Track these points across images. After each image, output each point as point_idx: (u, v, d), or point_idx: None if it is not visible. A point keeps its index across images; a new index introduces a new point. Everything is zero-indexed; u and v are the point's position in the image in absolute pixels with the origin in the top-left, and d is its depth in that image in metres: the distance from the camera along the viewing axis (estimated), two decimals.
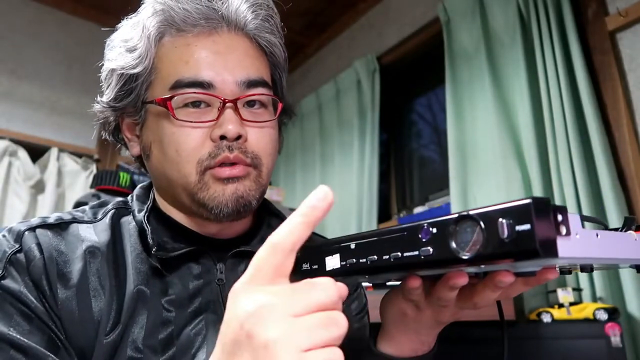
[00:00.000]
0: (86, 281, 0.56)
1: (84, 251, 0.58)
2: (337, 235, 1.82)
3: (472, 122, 1.89)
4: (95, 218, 0.63)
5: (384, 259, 0.42)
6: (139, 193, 0.67)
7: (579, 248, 0.36)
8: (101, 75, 0.64)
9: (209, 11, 0.59)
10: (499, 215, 0.35)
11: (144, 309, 0.57)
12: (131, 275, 0.58)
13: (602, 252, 0.38)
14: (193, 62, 0.58)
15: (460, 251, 0.37)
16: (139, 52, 0.59)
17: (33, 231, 0.57)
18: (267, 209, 0.72)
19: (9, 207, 2.38)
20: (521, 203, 0.34)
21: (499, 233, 0.34)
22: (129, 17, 0.64)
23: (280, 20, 0.66)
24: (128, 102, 0.61)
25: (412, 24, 2.33)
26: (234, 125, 0.57)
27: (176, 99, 0.57)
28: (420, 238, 0.40)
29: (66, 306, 0.54)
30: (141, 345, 0.55)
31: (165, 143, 0.58)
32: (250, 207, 0.60)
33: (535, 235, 0.33)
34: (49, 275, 0.54)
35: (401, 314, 0.55)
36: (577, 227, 0.36)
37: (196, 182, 0.58)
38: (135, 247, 0.60)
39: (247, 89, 0.60)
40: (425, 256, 0.39)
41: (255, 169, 0.60)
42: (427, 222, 0.40)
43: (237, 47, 0.60)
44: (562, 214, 0.35)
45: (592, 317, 1.21)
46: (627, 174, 1.45)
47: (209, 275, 0.61)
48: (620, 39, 1.56)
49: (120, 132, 0.66)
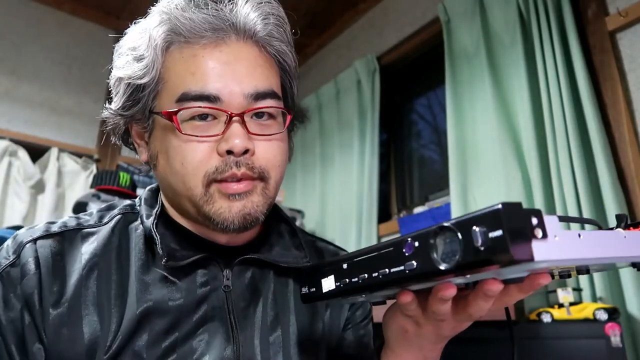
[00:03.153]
0: (80, 297, 0.56)
1: (83, 265, 0.57)
2: (336, 235, 1.84)
3: (472, 122, 1.89)
4: (101, 222, 0.63)
5: (374, 276, 0.43)
6: (147, 197, 0.66)
7: (558, 250, 0.35)
8: (110, 82, 0.63)
9: (216, 20, 0.57)
10: (473, 224, 0.35)
11: (149, 321, 0.56)
12: (134, 287, 0.57)
13: (588, 252, 0.38)
14: (200, 74, 0.56)
15: (441, 262, 0.37)
16: (145, 62, 0.58)
17: (34, 243, 0.57)
18: (277, 215, 0.71)
19: (9, 207, 2.38)
20: (491, 209, 0.34)
21: (474, 241, 0.34)
22: (137, 21, 0.62)
23: (290, 26, 0.64)
24: (136, 110, 0.61)
25: (412, 24, 2.33)
26: (241, 140, 0.55)
27: (182, 112, 0.56)
28: (404, 252, 0.40)
29: (56, 322, 0.54)
30: (144, 354, 0.55)
31: (171, 155, 0.58)
32: (257, 222, 0.59)
33: (508, 241, 0.32)
34: (42, 290, 0.54)
35: (402, 331, 0.55)
36: (555, 229, 0.35)
37: (202, 195, 0.57)
38: (140, 257, 0.60)
39: (255, 102, 0.58)
40: (409, 270, 0.39)
41: (262, 181, 0.59)
42: (410, 236, 0.40)
43: (245, 57, 0.58)
44: (537, 217, 0.34)
45: (592, 317, 1.21)
46: (627, 174, 1.45)
47: (215, 281, 0.61)
48: (620, 39, 1.56)
49: (130, 137, 0.66)
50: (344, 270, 0.46)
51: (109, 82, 0.64)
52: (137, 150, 0.66)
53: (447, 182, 1.89)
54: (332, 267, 0.48)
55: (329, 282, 0.48)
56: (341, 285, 0.46)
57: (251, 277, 0.64)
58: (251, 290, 0.63)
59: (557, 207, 1.52)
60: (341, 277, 0.46)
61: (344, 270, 0.46)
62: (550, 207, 1.55)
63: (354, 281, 0.45)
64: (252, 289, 0.63)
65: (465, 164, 1.86)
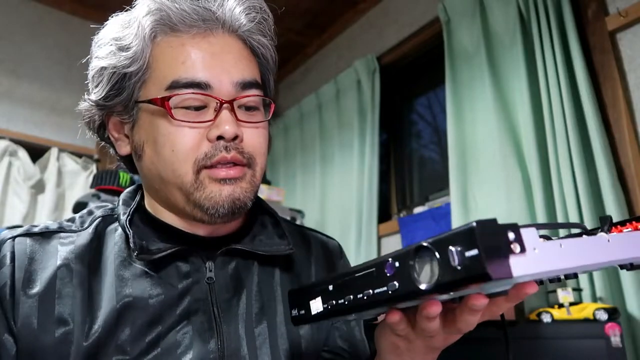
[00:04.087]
0: (52, 289, 0.57)
1: (57, 263, 0.59)
2: (336, 235, 1.84)
3: (472, 122, 1.89)
4: (82, 227, 0.64)
5: (359, 297, 0.43)
6: (125, 197, 0.67)
7: (539, 263, 0.34)
8: (89, 74, 0.64)
9: (205, 12, 0.60)
10: (449, 243, 0.34)
11: (130, 315, 0.56)
12: (112, 284, 0.58)
13: (571, 262, 0.37)
14: (190, 62, 0.58)
15: (422, 282, 0.37)
16: (133, 50, 0.59)
17: (13, 240, 0.59)
18: (260, 207, 0.71)
19: (9, 207, 2.38)
20: (466, 228, 0.34)
21: (451, 261, 0.34)
22: (117, 14, 0.64)
23: (274, 23, 0.66)
24: (119, 101, 0.61)
25: (412, 24, 2.33)
26: (231, 126, 0.57)
27: (173, 99, 0.57)
28: (386, 273, 0.40)
29: (26, 313, 0.55)
30: (128, 348, 0.55)
31: (160, 143, 0.58)
32: (245, 208, 0.60)
33: (484, 259, 0.32)
34: (14, 282, 0.56)
35: (394, 347, 0.55)
36: (534, 242, 0.34)
37: (192, 182, 0.58)
38: (120, 254, 0.60)
39: (242, 90, 0.60)
40: (392, 291, 0.39)
41: (250, 169, 0.61)
42: (390, 256, 0.40)
43: (231, 49, 0.61)
44: (514, 231, 0.34)
45: (592, 317, 1.21)
46: (627, 174, 1.45)
47: (198, 274, 0.61)
48: (620, 39, 1.56)
49: (106, 130, 0.66)
50: (330, 292, 0.46)
51: (87, 74, 0.64)
52: (114, 145, 0.66)
53: (447, 182, 1.89)
54: (319, 289, 0.47)
55: (317, 304, 0.47)
56: (329, 307, 0.46)
57: (235, 269, 0.63)
58: (235, 281, 0.63)
59: (557, 208, 1.52)
60: (328, 299, 0.46)
61: (330, 292, 0.46)
62: (550, 208, 1.55)
63: (341, 303, 0.45)
64: (235, 281, 0.63)
65: (465, 164, 1.86)
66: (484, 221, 0.33)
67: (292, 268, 0.69)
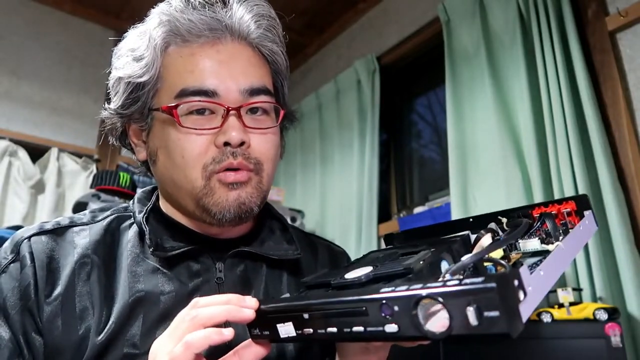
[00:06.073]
0: (72, 287, 0.58)
1: (76, 259, 0.60)
2: (336, 235, 1.82)
3: (472, 122, 1.89)
4: (94, 220, 0.65)
5: (345, 331, 0.42)
6: (140, 196, 0.69)
7: (535, 297, 0.36)
8: (109, 83, 0.66)
9: (213, 22, 0.61)
10: (466, 303, 0.34)
11: (141, 309, 0.58)
12: (126, 280, 0.60)
13: (551, 281, 0.39)
14: (198, 71, 0.60)
15: (430, 330, 0.36)
16: (145, 61, 0.61)
17: (29, 240, 0.61)
18: (269, 212, 0.73)
19: (9, 207, 2.38)
20: (486, 287, 0.33)
21: (468, 319, 0.34)
22: (136, 26, 0.66)
23: (281, 27, 0.68)
24: (135, 109, 0.63)
25: (412, 24, 2.32)
26: (237, 132, 0.59)
27: (181, 107, 0.59)
28: (383, 315, 0.39)
29: (51, 313, 0.56)
30: (138, 342, 0.57)
31: (171, 149, 0.60)
32: (251, 213, 0.62)
33: (505, 319, 0.32)
34: (37, 282, 0.58)
35: (352, 354, 0.60)
36: (529, 281, 0.35)
37: (202, 187, 0.60)
38: (133, 251, 0.62)
39: (250, 97, 0.61)
40: (391, 332, 0.39)
41: (256, 174, 0.62)
42: (386, 297, 0.38)
43: (240, 56, 0.62)
44: (518, 279, 0.34)
45: (592, 317, 1.21)
46: (627, 174, 1.45)
47: (208, 273, 0.63)
48: (620, 39, 1.56)
49: (127, 137, 0.68)
50: (305, 320, 0.44)
51: (108, 84, 0.67)
52: (134, 150, 0.68)
53: (447, 182, 1.89)
54: (290, 315, 0.45)
55: (287, 328, 0.46)
56: (304, 334, 0.45)
57: (243, 270, 0.65)
58: (243, 282, 0.65)
59: None
60: (303, 327, 0.45)
61: (305, 320, 0.44)
62: None
63: (321, 332, 0.43)
64: (244, 281, 0.65)
65: (465, 164, 1.86)
66: (500, 278, 0.33)
67: (299, 272, 0.71)
